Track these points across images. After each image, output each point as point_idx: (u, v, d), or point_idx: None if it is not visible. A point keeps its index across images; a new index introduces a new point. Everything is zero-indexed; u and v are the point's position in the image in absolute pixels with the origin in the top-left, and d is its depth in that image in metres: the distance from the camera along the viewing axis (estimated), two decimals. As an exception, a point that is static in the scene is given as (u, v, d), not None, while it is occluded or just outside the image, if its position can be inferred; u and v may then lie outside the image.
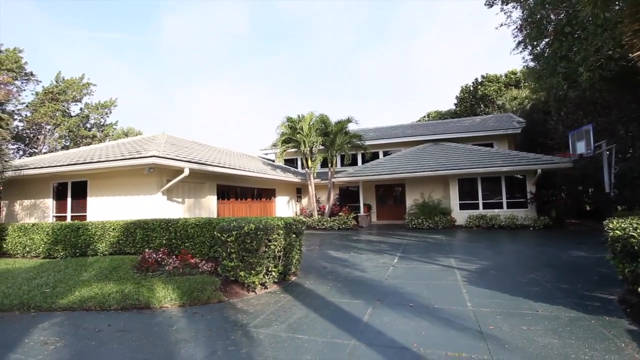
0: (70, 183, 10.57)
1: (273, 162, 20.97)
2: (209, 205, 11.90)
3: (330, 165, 16.86)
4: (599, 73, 9.91)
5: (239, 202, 14.24)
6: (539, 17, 11.72)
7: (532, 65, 14.08)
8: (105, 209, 9.81)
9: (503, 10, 13.00)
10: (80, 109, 26.32)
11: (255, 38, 73.17)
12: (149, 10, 61.40)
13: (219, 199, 12.59)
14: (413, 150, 18.47)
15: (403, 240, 11.32)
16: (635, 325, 3.78)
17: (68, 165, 9.64)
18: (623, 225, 4.25)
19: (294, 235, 6.39)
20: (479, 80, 32.33)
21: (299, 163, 22.41)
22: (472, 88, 32.87)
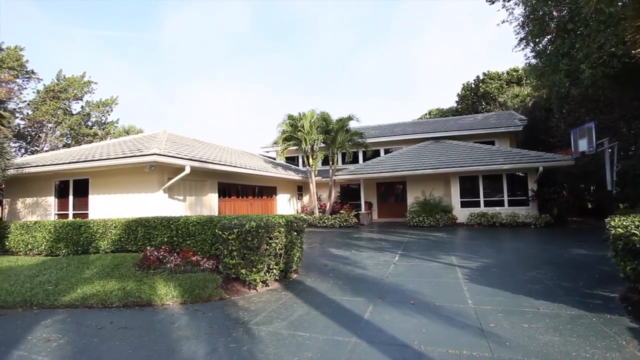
0: (72, 181, 10.60)
1: (274, 159, 20.97)
2: (210, 203, 11.92)
3: (332, 163, 16.85)
4: (602, 70, 9.85)
5: (240, 199, 14.26)
6: (542, 13, 11.65)
7: (534, 63, 13.99)
8: (107, 207, 9.84)
9: (505, 7, 12.92)
10: (82, 107, 26.39)
11: (256, 37, 73.07)
12: (150, 9, 61.38)
13: (220, 197, 12.61)
14: (414, 148, 18.43)
15: (404, 238, 11.32)
16: (637, 323, 3.77)
17: (70, 164, 9.67)
18: (625, 223, 4.24)
19: (295, 233, 6.40)
20: (481, 78, 32.20)
21: (300, 161, 22.40)
22: (473, 85, 32.74)
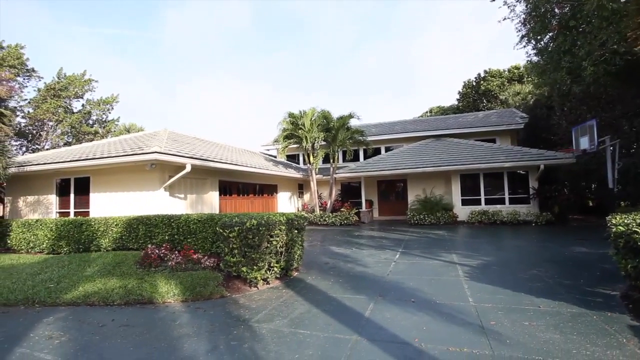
0: (73, 179, 10.62)
1: (275, 158, 20.95)
2: (211, 201, 11.93)
3: (332, 161, 16.84)
4: (604, 67, 9.80)
5: (241, 198, 14.27)
6: (543, 10, 11.57)
7: (535, 60, 13.91)
8: (108, 205, 9.86)
9: (506, 4, 12.82)
10: (82, 105, 26.37)
11: (257, 34, 72.90)
12: (150, 7, 61.21)
13: (221, 195, 12.62)
14: (415, 146, 18.41)
15: (405, 236, 11.32)
16: (638, 321, 3.77)
17: (71, 162, 9.67)
18: (626, 221, 4.24)
19: (296, 231, 6.41)
20: (482, 76, 32.07)
21: (301, 159, 22.39)
22: (474, 83, 32.62)
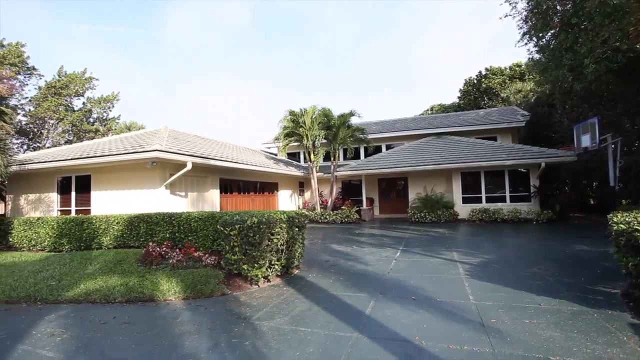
0: (74, 177, 10.63)
1: (275, 156, 20.96)
2: (212, 199, 11.95)
3: (333, 159, 16.83)
4: (606, 65, 9.75)
5: (242, 195, 14.28)
6: (545, 7, 11.51)
7: (537, 58, 13.86)
8: (109, 203, 9.88)
9: (508, 1, 12.78)
10: (83, 104, 26.37)
11: (257, 33, 72.70)
12: (150, 4, 61.03)
13: (222, 193, 12.63)
14: (416, 144, 18.38)
15: (405, 234, 11.33)
16: (638, 319, 3.77)
17: (72, 160, 9.68)
18: (627, 219, 4.22)
19: (297, 229, 6.42)
20: (483, 73, 31.98)
21: (302, 157, 22.39)
22: (476, 81, 32.54)
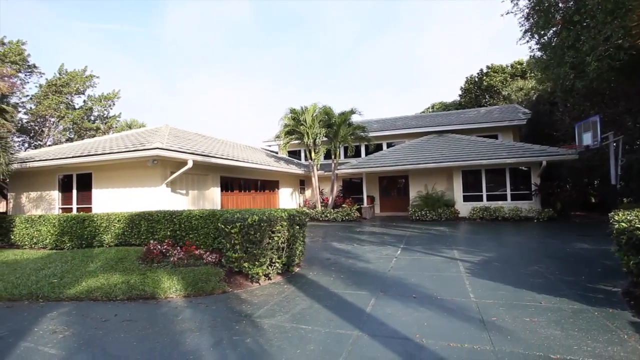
0: (75, 175, 10.65)
1: (276, 154, 20.95)
2: (213, 197, 11.96)
3: (334, 157, 16.82)
4: (608, 63, 9.70)
5: (243, 193, 14.29)
6: (547, 5, 11.44)
7: (538, 55, 13.78)
8: (110, 201, 9.90)
9: (510, -2, 12.69)
10: (84, 101, 26.34)
11: (258, 30, 72.50)
12: (151, 2, 60.85)
13: (223, 191, 12.64)
14: (417, 142, 18.35)
15: (406, 232, 11.33)
16: (639, 318, 3.77)
17: (73, 158, 9.69)
18: (629, 218, 4.23)
19: (298, 227, 6.42)
20: (484, 71, 31.83)
21: (303, 155, 22.38)
22: (477, 79, 32.40)
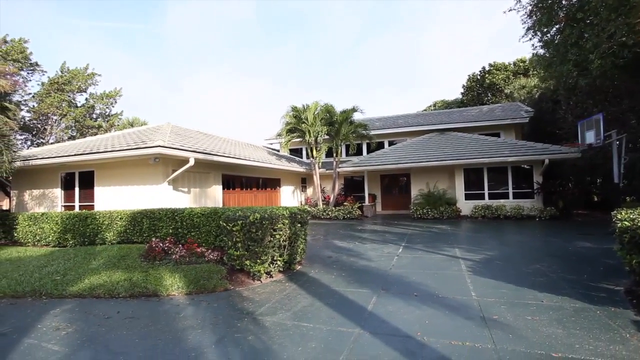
0: (78, 173, 10.68)
1: (278, 152, 20.95)
2: (215, 195, 11.98)
3: (335, 155, 16.80)
4: (611, 60, 9.64)
5: (244, 191, 14.31)
6: (550, 1, 11.36)
7: (541, 53, 13.70)
8: (112, 199, 9.92)
9: (512, -5, 12.63)
10: (86, 99, 26.38)
11: (260, 29, 72.36)
12: (152, 1, 60.78)
13: (225, 189, 12.66)
14: (419, 140, 18.31)
15: (408, 230, 11.33)
16: (641, 316, 3.76)
17: (75, 156, 9.72)
18: (632, 216, 4.21)
19: (299, 225, 6.43)
20: (487, 69, 31.68)
21: (304, 153, 22.38)
22: (479, 77, 32.25)
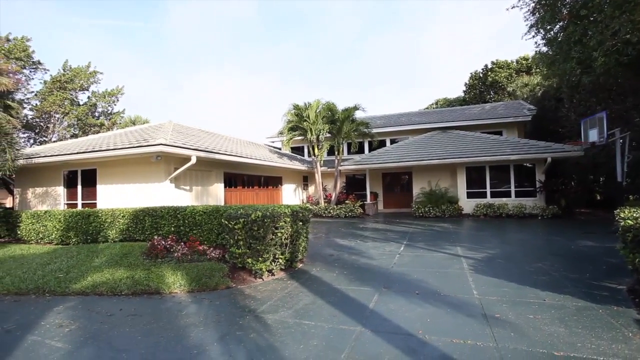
0: (80, 171, 10.72)
1: (280, 150, 20.96)
2: (217, 193, 12.00)
3: (337, 153, 16.79)
4: (615, 58, 9.57)
5: (246, 189, 14.33)
6: (554, -1, 11.28)
7: (544, 51, 13.61)
8: (115, 197, 9.95)
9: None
10: (88, 98, 26.41)
11: (262, 27, 72.21)
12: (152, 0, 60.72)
13: (226, 187, 12.68)
14: (420, 138, 18.26)
15: (409, 229, 11.32)
16: (644, 315, 3.75)
17: (77, 154, 9.75)
18: (635, 215, 4.19)
19: (301, 223, 6.43)
20: (489, 67, 31.50)
21: (306, 151, 22.36)
22: (481, 74, 32.09)
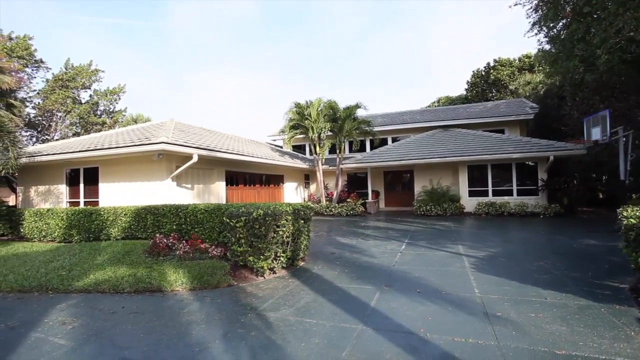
0: (83, 169, 10.76)
1: (281, 148, 20.95)
2: (218, 191, 12.02)
3: (339, 152, 16.78)
4: (619, 56, 9.49)
5: (248, 188, 14.34)
6: (557, -4, 11.20)
7: (547, 48, 13.53)
8: (117, 195, 9.99)
9: (517, -12, 12.42)
10: (90, 96, 26.47)
11: (262, 27, 72.04)
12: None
13: (228, 185, 12.70)
14: (422, 136, 18.22)
15: (411, 227, 11.31)
16: (646, 314, 3.74)
17: (80, 152, 9.78)
18: (638, 214, 4.17)
19: (302, 221, 6.43)
20: (492, 65, 31.37)
21: (307, 149, 22.36)
22: (484, 72, 31.96)
